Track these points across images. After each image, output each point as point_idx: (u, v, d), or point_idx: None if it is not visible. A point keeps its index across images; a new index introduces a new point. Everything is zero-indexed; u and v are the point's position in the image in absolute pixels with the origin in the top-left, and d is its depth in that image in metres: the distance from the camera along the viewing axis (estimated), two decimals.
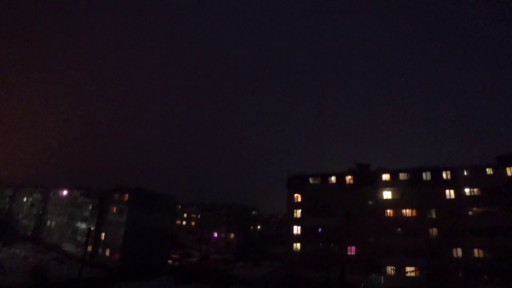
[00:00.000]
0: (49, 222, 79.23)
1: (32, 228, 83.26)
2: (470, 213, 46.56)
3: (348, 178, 52.07)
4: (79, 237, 64.70)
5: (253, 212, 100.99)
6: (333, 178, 52.80)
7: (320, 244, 48.91)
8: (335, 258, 46.13)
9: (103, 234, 61.22)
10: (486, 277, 43.44)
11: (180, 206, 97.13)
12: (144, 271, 53.77)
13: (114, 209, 60.41)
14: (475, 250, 44.77)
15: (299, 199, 53.58)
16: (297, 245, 51.97)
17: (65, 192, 77.14)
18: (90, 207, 65.95)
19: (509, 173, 47.09)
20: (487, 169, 47.68)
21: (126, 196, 58.99)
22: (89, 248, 59.64)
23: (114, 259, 56.10)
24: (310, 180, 53.95)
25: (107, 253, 58.52)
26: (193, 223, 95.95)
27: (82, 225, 65.42)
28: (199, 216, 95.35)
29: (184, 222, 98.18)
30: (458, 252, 45.48)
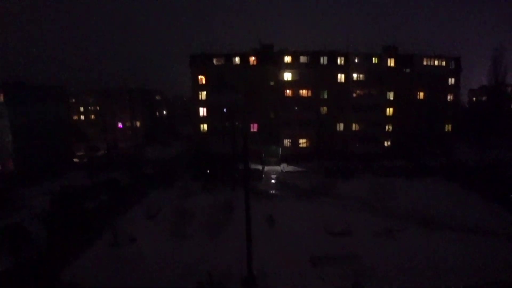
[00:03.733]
0: None
1: None
2: (354, 95, 54.04)
3: (252, 59, 52.64)
4: None
5: (157, 97, 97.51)
6: (237, 59, 52.61)
7: (227, 123, 51.23)
8: (240, 133, 49.28)
9: None
10: (357, 143, 53.66)
11: (74, 100, 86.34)
12: (49, 172, 49.04)
13: None
14: (354, 125, 53.92)
15: (204, 81, 53.04)
16: (204, 126, 53.89)
17: None
18: None
19: (389, 63, 54.50)
20: (373, 58, 53.96)
21: (1, 96, 48.79)
22: None
23: (9, 167, 49.13)
24: (214, 60, 52.74)
25: None
26: (93, 116, 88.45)
27: None
28: (98, 107, 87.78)
29: (82, 117, 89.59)
30: (341, 126, 54.41)
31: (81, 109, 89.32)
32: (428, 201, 32.13)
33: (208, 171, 45.28)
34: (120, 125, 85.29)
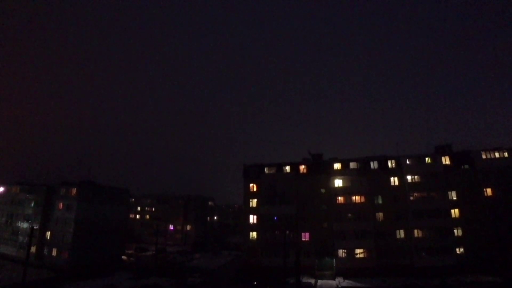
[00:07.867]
0: None
1: None
2: (411, 198, 50.76)
3: (302, 167, 53.84)
4: (20, 238, 59.44)
5: (210, 203, 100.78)
6: (287, 168, 54.25)
7: (276, 232, 50.15)
8: (291, 244, 47.69)
9: (48, 233, 56.94)
10: (424, 254, 47.93)
11: (133, 199, 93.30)
12: (97, 269, 51.37)
13: (61, 205, 56.25)
14: (415, 231, 49.16)
15: (255, 189, 54.33)
16: (254, 234, 52.84)
17: (1, 189, 69.91)
18: (33, 204, 60.68)
19: (444, 162, 51.99)
20: (426, 158, 52.16)
21: (74, 191, 55.06)
22: (33, 249, 55.09)
23: (63, 258, 52.48)
24: (266, 169, 54.86)
25: (54, 253, 54.59)
26: (148, 217, 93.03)
27: (24, 224, 60.04)
28: (154, 209, 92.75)
29: (138, 216, 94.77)
30: (401, 233, 49.71)
31: (138, 208, 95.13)
32: None
33: (255, 283, 43.21)
34: (171, 227, 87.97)
